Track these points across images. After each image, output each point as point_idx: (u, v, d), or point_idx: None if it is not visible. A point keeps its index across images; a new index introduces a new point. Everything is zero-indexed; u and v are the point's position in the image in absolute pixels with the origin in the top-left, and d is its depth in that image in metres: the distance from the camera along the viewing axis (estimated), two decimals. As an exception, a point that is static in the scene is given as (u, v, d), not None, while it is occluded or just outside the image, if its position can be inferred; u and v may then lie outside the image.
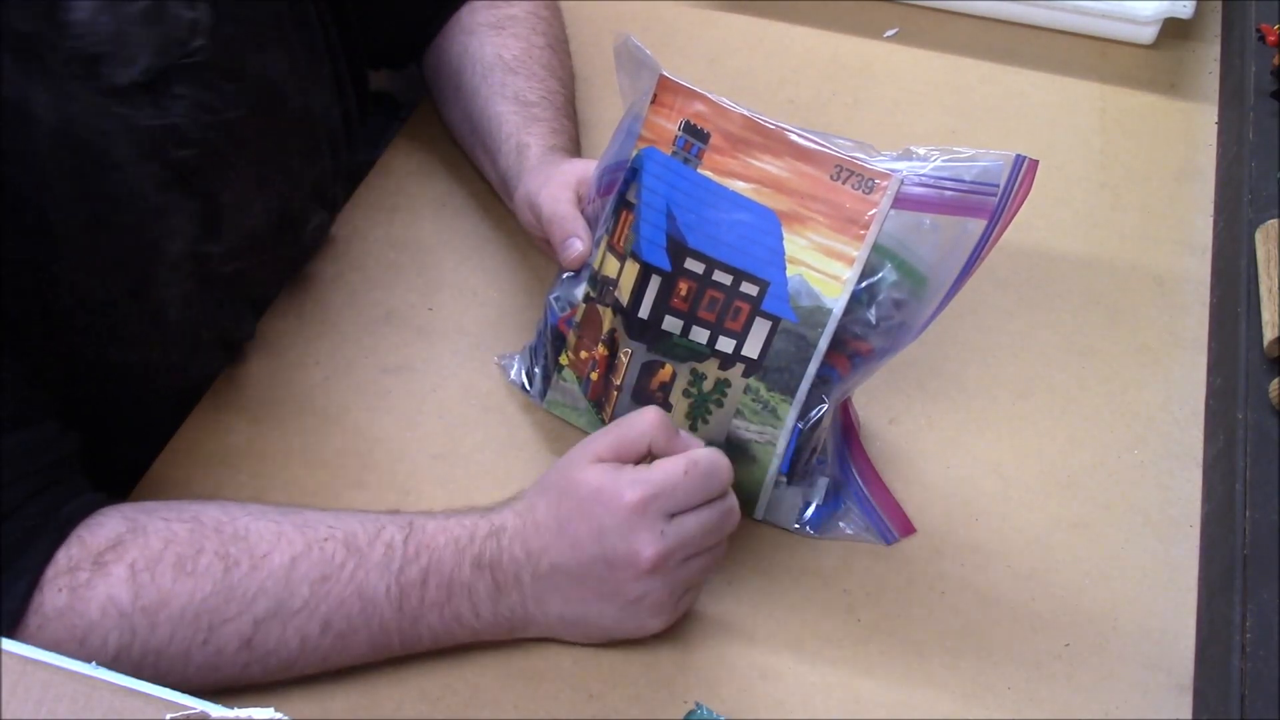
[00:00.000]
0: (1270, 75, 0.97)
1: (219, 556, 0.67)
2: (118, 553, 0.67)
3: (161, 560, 0.67)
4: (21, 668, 0.50)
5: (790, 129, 0.71)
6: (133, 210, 0.66)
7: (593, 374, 0.79)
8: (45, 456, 0.69)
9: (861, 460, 0.79)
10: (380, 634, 0.69)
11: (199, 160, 0.67)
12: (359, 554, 0.69)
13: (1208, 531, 0.78)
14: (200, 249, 0.69)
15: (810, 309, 0.71)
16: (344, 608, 0.68)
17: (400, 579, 0.68)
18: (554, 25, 1.01)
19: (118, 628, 0.66)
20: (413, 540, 0.69)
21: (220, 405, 0.85)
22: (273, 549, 0.68)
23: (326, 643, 0.68)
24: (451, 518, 0.71)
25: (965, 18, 1.13)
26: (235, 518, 0.69)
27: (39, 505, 0.67)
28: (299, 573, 0.68)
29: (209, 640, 0.67)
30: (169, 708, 0.50)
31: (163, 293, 0.70)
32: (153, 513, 0.69)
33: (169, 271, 0.69)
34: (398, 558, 0.69)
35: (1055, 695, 0.72)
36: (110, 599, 0.66)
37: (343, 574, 0.68)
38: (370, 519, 0.70)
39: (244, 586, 0.67)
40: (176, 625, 0.66)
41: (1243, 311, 0.83)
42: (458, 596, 0.69)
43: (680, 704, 0.71)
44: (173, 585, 0.66)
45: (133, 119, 0.64)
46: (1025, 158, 0.69)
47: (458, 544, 0.69)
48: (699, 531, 0.69)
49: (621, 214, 0.76)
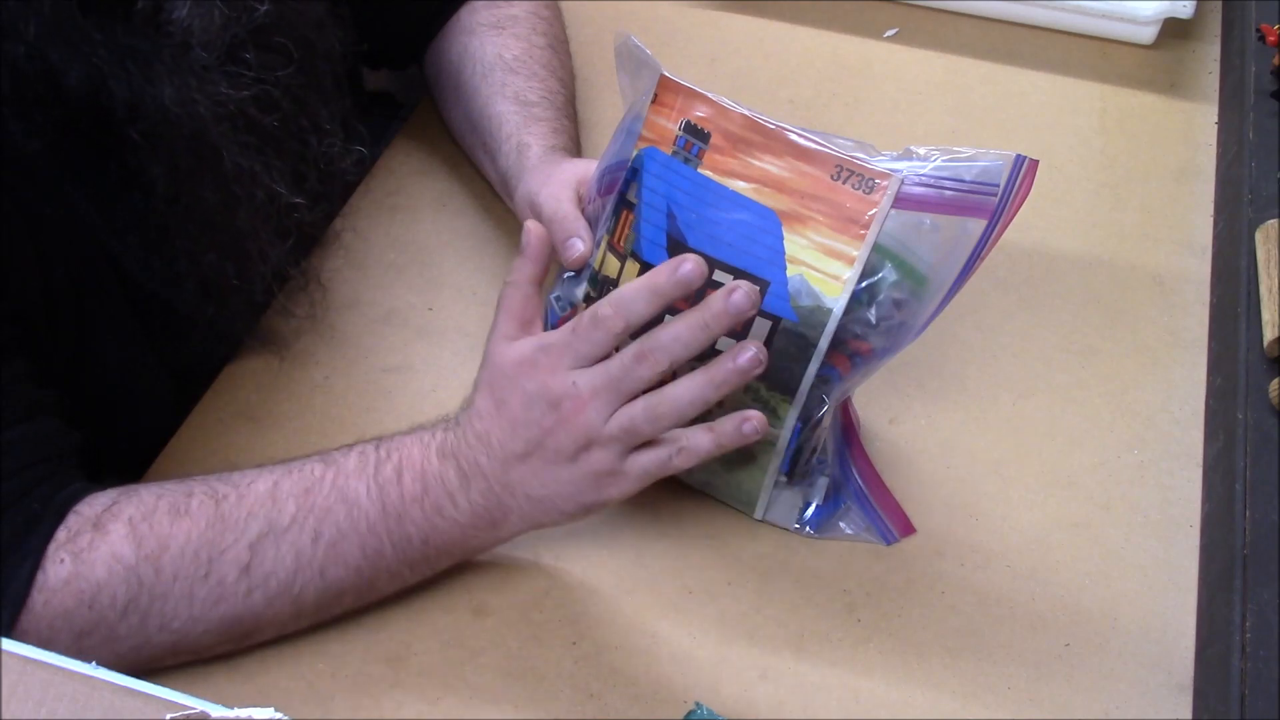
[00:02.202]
0: (1270, 75, 0.97)
1: (208, 495, 0.71)
2: (113, 512, 0.69)
3: (156, 510, 0.69)
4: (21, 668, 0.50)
5: (791, 129, 0.71)
6: (227, 181, 0.75)
7: (593, 374, 0.79)
8: (46, 450, 0.71)
9: (862, 460, 0.79)
10: (369, 536, 0.71)
11: (277, 120, 0.77)
12: (335, 464, 0.72)
13: (1208, 531, 0.78)
14: (288, 199, 0.79)
15: (810, 309, 0.71)
16: (330, 515, 0.70)
17: (378, 477, 0.71)
18: (554, 25, 1.01)
19: (125, 581, 0.68)
20: (384, 445, 0.73)
21: (220, 405, 0.85)
22: (256, 478, 0.72)
23: (320, 553, 0.70)
24: (416, 428, 0.74)
25: (965, 18, 1.13)
26: (223, 473, 0.73)
27: (40, 495, 0.69)
28: (283, 490, 0.71)
29: (210, 573, 0.69)
30: (169, 708, 0.50)
31: (251, 244, 0.79)
32: (144, 486, 0.72)
33: (253, 224, 0.78)
34: (371, 460, 0.72)
35: (1055, 695, 0.72)
36: (114, 555, 0.68)
37: (324, 484, 0.71)
38: (346, 444, 0.74)
39: (235, 514, 0.70)
40: (179, 565, 0.68)
41: (1243, 311, 0.83)
42: (434, 487, 0.72)
43: (680, 704, 0.71)
44: (170, 528, 0.69)
45: (218, 96, 0.74)
46: (1025, 158, 0.69)
47: (422, 439, 0.73)
48: (606, 379, 0.70)
49: (622, 214, 0.76)
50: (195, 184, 0.75)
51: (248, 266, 0.79)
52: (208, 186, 0.75)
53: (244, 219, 0.78)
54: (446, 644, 0.73)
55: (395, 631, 0.74)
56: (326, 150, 0.84)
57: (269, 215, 0.79)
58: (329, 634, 0.73)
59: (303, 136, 0.82)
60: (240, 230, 0.78)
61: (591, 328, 0.70)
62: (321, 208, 0.86)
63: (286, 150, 0.81)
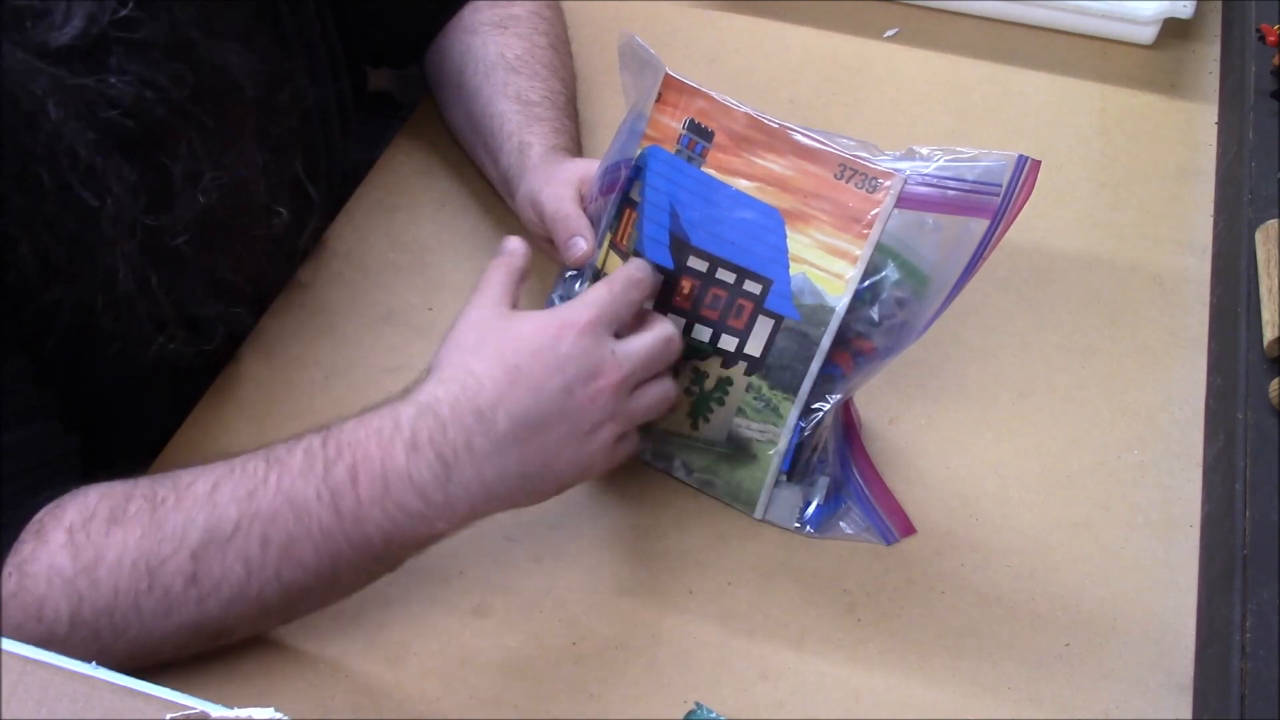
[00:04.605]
0: (1270, 75, 0.97)
1: (146, 499, 0.67)
2: (56, 516, 0.67)
3: (95, 515, 0.66)
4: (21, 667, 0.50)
5: (794, 128, 0.71)
6: (64, 168, 0.66)
7: (593, 373, 0.79)
8: (38, 456, 0.69)
9: (862, 460, 0.79)
10: (324, 540, 0.67)
11: (140, 129, 0.67)
12: (279, 464, 0.67)
13: (1208, 531, 0.78)
14: (147, 219, 0.69)
15: (813, 307, 0.71)
16: (278, 520, 0.66)
17: (327, 480, 0.67)
18: (556, 25, 1.01)
19: (64, 595, 0.65)
20: (331, 441, 0.68)
21: (220, 405, 0.85)
22: (196, 478, 0.68)
23: (271, 559, 0.67)
24: (367, 413, 0.69)
25: (965, 18, 1.13)
26: (175, 469, 0.69)
27: (22, 504, 0.67)
28: (224, 494, 0.67)
29: (153, 585, 0.66)
30: (169, 708, 0.50)
31: (108, 257, 0.70)
32: (95, 485, 0.69)
33: (112, 236, 0.69)
34: (319, 460, 0.67)
35: (1055, 695, 0.72)
36: (52, 567, 0.65)
37: (267, 487, 0.67)
38: (292, 436, 0.69)
39: (171, 521, 0.66)
40: (117, 577, 0.65)
41: (1243, 311, 0.83)
42: (397, 486, 0.67)
43: (680, 704, 0.71)
44: (106, 538, 0.66)
45: (62, 79, 0.65)
46: (1028, 158, 0.69)
47: (380, 434, 0.67)
48: (644, 355, 0.70)
49: (625, 212, 0.76)
50: (23, 155, 0.66)
51: (112, 281, 0.70)
52: (40, 163, 0.66)
53: (106, 227, 0.69)
54: (446, 644, 0.73)
55: (395, 631, 0.74)
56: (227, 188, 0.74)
57: (129, 231, 0.70)
58: (329, 634, 0.73)
59: (185, 160, 0.71)
60: (97, 237, 0.69)
61: (628, 288, 0.70)
62: (197, 239, 0.73)
63: (154, 168, 0.70)
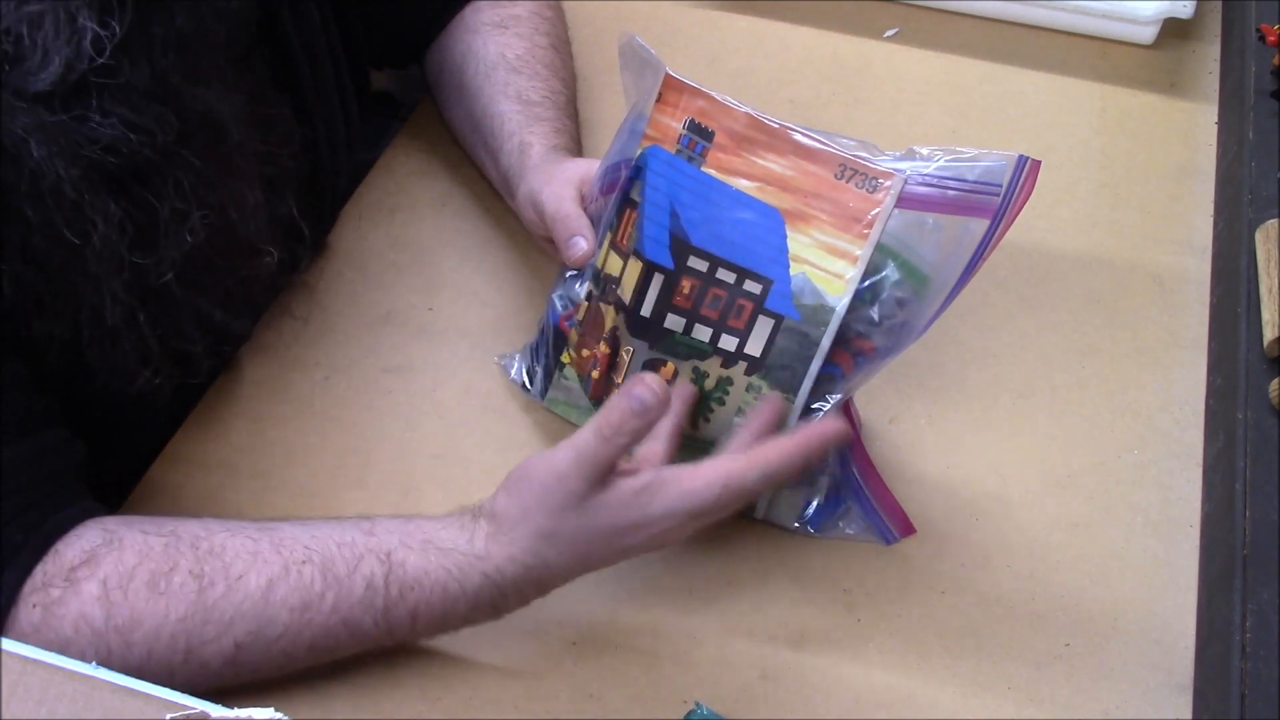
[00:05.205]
0: (1270, 75, 0.97)
1: (193, 575, 0.67)
2: (90, 568, 0.66)
3: (134, 578, 0.66)
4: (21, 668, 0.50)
5: (794, 128, 0.71)
6: (48, 205, 0.66)
7: (594, 372, 0.79)
8: (45, 468, 0.69)
9: (862, 460, 0.79)
10: (368, 649, 0.70)
11: (126, 167, 0.67)
12: (338, 585, 0.68)
13: (1208, 531, 0.78)
14: (133, 257, 0.69)
15: (813, 307, 0.71)
16: (330, 635, 0.68)
17: (388, 616, 0.68)
18: (557, 25, 1.01)
19: (92, 645, 0.65)
20: (394, 582, 0.68)
21: (220, 406, 0.85)
22: (248, 569, 0.67)
23: (314, 656, 0.69)
24: (431, 554, 0.68)
25: (965, 18, 1.13)
26: (213, 533, 0.69)
27: (30, 519, 0.67)
28: (277, 597, 0.67)
29: (188, 660, 0.66)
30: (169, 708, 0.50)
31: (94, 294, 0.69)
32: (132, 525, 0.69)
33: (97, 272, 0.69)
34: (380, 597, 0.68)
35: (1055, 695, 0.72)
36: (83, 617, 0.65)
37: (323, 604, 0.67)
38: (347, 544, 0.69)
39: (220, 609, 0.66)
40: (153, 645, 0.66)
41: (1243, 311, 0.83)
42: (452, 626, 0.70)
43: (680, 704, 0.71)
44: (146, 605, 0.66)
45: (43, 118, 0.64)
46: (1028, 158, 0.69)
47: (446, 592, 0.68)
48: (696, 525, 0.70)
49: (625, 212, 0.76)
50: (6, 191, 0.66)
51: (99, 316, 0.70)
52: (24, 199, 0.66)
53: (91, 263, 0.68)
54: (447, 644, 0.73)
55: (395, 631, 0.74)
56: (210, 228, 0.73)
57: (116, 268, 0.69)
58: (329, 634, 0.73)
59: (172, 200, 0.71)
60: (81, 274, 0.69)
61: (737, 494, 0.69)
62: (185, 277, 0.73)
63: (140, 206, 0.70)
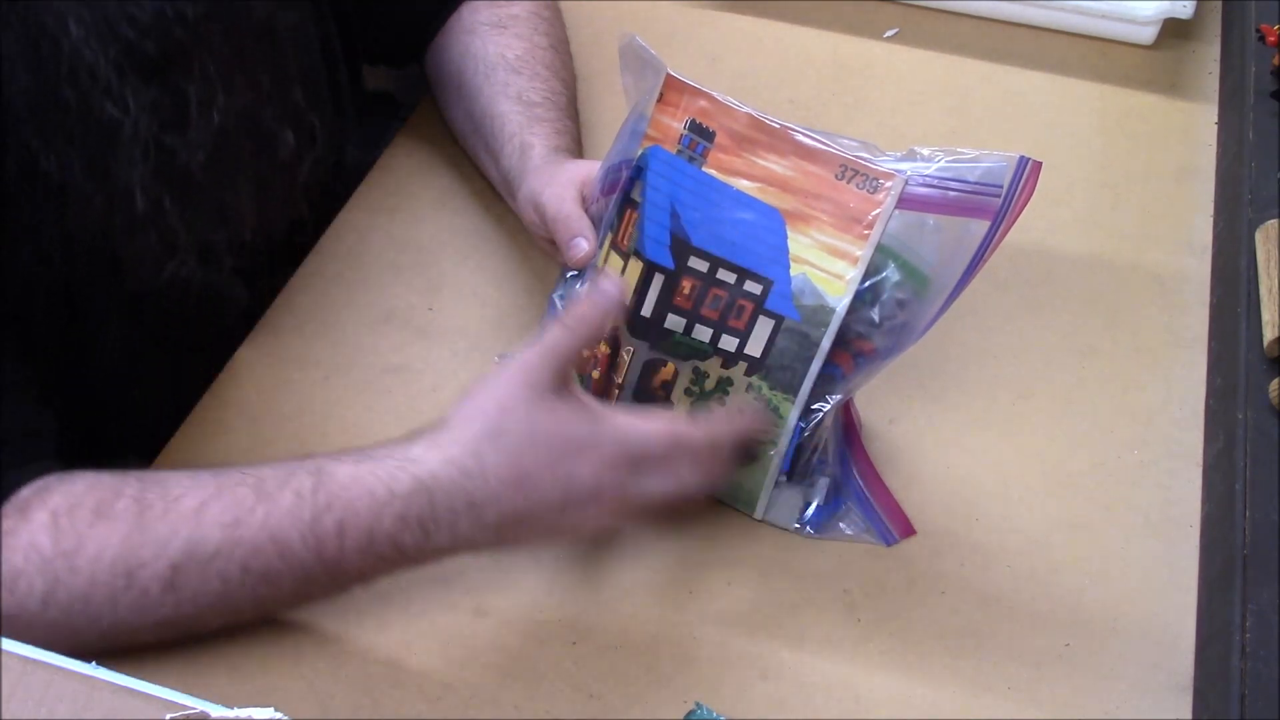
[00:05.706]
0: (1270, 75, 0.97)
1: (135, 500, 0.67)
2: (42, 499, 0.67)
3: (82, 505, 0.67)
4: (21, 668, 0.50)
5: (795, 128, 0.71)
6: (85, 85, 0.67)
7: (594, 372, 0.79)
8: (13, 432, 0.70)
9: (863, 460, 0.79)
10: (303, 576, 0.68)
11: (158, 52, 0.68)
12: (269, 499, 0.68)
13: (1208, 531, 0.78)
14: (164, 139, 0.70)
15: (814, 308, 0.71)
16: (260, 553, 0.67)
17: (314, 529, 0.67)
18: (555, 25, 1.01)
19: (41, 573, 0.66)
20: (322, 490, 0.68)
21: (220, 405, 0.85)
22: (186, 492, 0.68)
23: (249, 582, 0.67)
24: (363, 463, 0.69)
25: (965, 18, 1.13)
26: (162, 470, 0.69)
27: (4, 484, 0.68)
28: (210, 515, 0.67)
29: (130, 585, 0.66)
30: (169, 708, 0.50)
31: (124, 176, 0.70)
32: (82, 473, 0.70)
33: (129, 154, 0.69)
34: (307, 507, 0.67)
35: (1055, 695, 0.72)
36: (32, 544, 0.66)
37: (253, 519, 0.67)
38: (281, 465, 0.69)
39: (155, 529, 0.67)
40: (95, 569, 0.66)
41: (1243, 311, 0.83)
42: (380, 543, 0.68)
43: (680, 704, 0.71)
44: (90, 529, 0.66)
45: None
46: (1029, 159, 0.69)
47: (373, 497, 0.67)
48: (660, 494, 0.70)
49: (626, 212, 0.76)
50: (46, 71, 0.67)
51: (129, 202, 0.71)
52: (63, 79, 0.67)
53: (124, 144, 0.70)
54: (446, 644, 0.73)
55: (395, 631, 0.74)
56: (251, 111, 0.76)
57: (144, 152, 0.71)
58: (329, 634, 0.73)
59: (200, 81, 0.73)
60: (115, 155, 0.70)
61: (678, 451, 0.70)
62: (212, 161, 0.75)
63: (170, 90, 0.72)
